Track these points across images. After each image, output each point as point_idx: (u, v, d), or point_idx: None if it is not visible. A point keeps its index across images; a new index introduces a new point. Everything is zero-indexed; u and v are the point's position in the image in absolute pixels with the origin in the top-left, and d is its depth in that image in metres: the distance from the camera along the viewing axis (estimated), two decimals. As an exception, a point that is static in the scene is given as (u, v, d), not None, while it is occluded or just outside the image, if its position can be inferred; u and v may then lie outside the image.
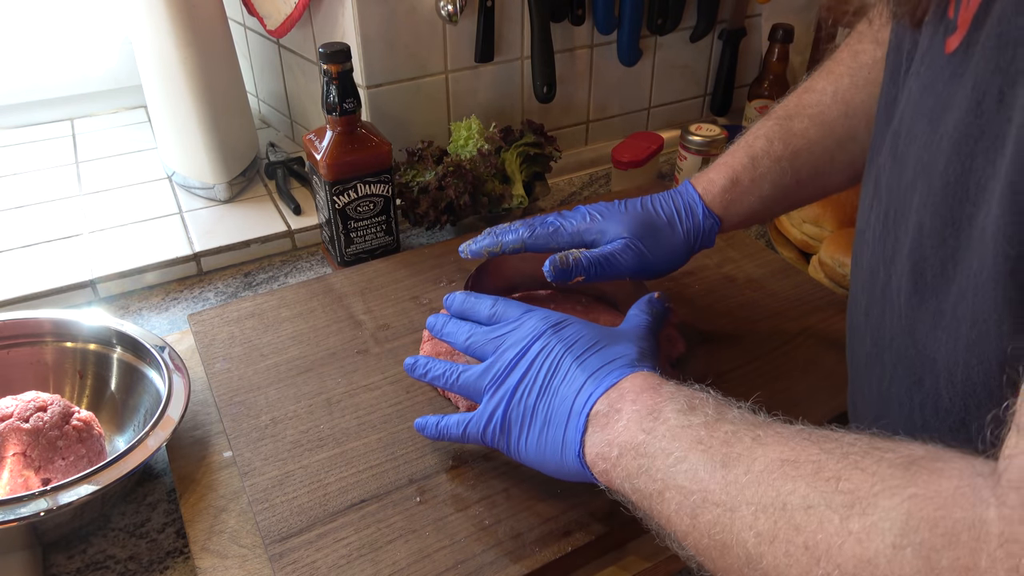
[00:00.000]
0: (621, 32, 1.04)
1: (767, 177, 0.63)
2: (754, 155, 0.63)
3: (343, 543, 0.52)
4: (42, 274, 0.83)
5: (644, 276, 0.64)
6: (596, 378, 0.47)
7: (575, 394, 0.47)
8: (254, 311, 0.74)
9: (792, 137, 0.63)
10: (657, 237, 0.63)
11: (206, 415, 0.66)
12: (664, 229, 0.63)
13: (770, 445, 0.36)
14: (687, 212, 0.64)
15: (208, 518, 0.57)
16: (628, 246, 0.62)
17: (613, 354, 0.49)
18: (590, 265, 0.60)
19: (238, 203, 0.97)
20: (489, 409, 0.51)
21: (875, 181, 0.45)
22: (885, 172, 0.42)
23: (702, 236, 0.64)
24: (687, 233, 0.64)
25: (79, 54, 1.14)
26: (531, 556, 0.51)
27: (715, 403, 0.42)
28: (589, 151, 1.13)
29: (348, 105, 0.76)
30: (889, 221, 0.41)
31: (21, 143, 1.11)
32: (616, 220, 0.63)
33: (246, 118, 1.01)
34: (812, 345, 0.70)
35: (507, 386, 0.51)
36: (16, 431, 0.56)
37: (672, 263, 0.64)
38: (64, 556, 0.57)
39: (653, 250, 0.63)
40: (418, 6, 0.89)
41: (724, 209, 0.64)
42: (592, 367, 0.48)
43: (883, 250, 0.42)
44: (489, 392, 0.52)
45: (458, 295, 0.59)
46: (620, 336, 0.52)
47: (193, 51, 0.87)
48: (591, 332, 0.51)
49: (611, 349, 0.50)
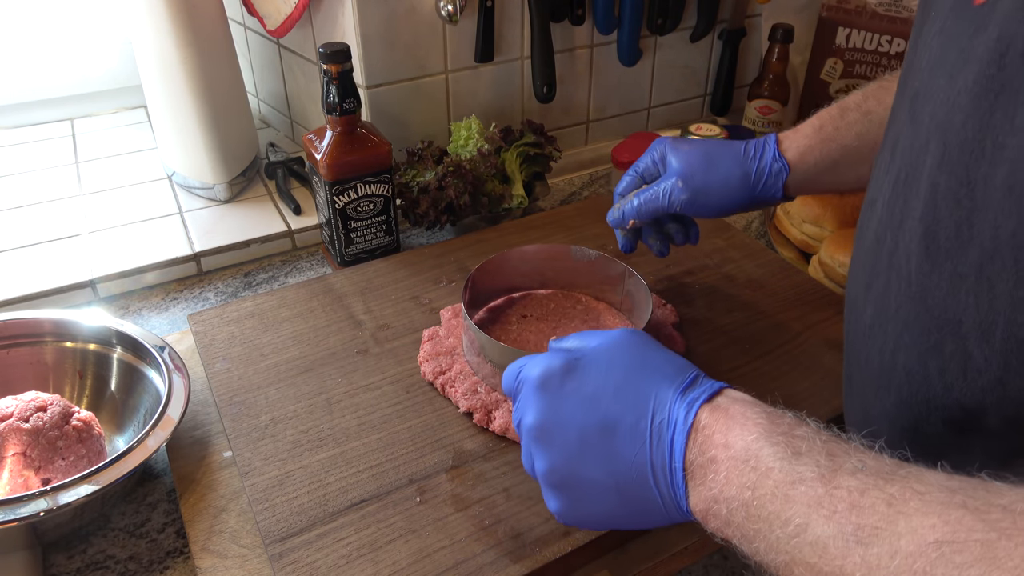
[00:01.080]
0: (621, 32, 1.04)
1: (853, 128, 0.60)
2: (845, 107, 0.62)
3: (343, 543, 0.52)
4: (42, 274, 0.83)
5: (699, 212, 0.64)
6: (659, 431, 0.40)
7: (649, 448, 0.40)
8: (254, 311, 0.74)
9: (888, 94, 0.60)
10: (714, 172, 0.62)
11: (206, 415, 0.66)
12: (724, 164, 0.62)
13: (912, 515, 0.29)
14: (756, 152, 0.63)
15: (208, 518, 0.57)
16: (678, 180, 0.62)
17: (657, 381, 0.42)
18: (640, 206, 0.63)
19: (238, 203, 0.97)
20: (556, 509, 0.45)
21: (892, 146, 0.42)
22: (903, 135, 0.41)
23: (767, 179, 0.62)
24: (750, 172, 0.62)
25: (79, 54, 1.14)
26: (531, 556, 0.51)
27: (822, 442, 0.35)
28: (589, 151, 1.13)
29: (348, 105, 0.76)
30: (899, 184, 0.40)
31: (21, 143, 1.11)
32: (679, 155, 0.64)
33: (246, 118, 1.01)
34: (812, 345, 0.70)
35: (559, 481, 0.44)
36: (16, 431, 0.56)
37: (728, 201, 0.63)
38: (64, 556, 0.57)
39: (707, 185, 0.62)
40: (418, 6, 0.89)
41: (800, 156, 0.62)
42: (646, 411, 0.41)
43: (891, 216, 0.41)
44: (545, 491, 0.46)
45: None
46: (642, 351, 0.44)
47: (193, 51, 0.87)
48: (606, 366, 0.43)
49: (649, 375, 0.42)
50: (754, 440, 0.36)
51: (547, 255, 0.72)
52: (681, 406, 0.40)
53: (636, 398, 0.41)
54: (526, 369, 0.46)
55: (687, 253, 0.83)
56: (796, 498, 0.33)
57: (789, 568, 0.33)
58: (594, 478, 0.42)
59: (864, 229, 0.46)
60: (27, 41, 1.10)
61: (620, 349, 0.44)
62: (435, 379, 0.65)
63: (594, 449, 0.42)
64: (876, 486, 0.31)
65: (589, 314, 0.72)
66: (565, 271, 0.72)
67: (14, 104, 1.14)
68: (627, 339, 0.45)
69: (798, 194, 0.65)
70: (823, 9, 1.13)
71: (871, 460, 0.33)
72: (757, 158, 0.63)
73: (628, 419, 0.41)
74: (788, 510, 0.33)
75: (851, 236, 0.83)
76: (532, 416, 0.44)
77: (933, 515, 0.29)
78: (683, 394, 0.41)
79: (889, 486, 0.31)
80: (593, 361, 0.44)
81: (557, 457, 0.43)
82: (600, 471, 0.42)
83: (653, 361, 0.43)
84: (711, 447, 0.38)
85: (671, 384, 0.41)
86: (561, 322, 0.70)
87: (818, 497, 0.32)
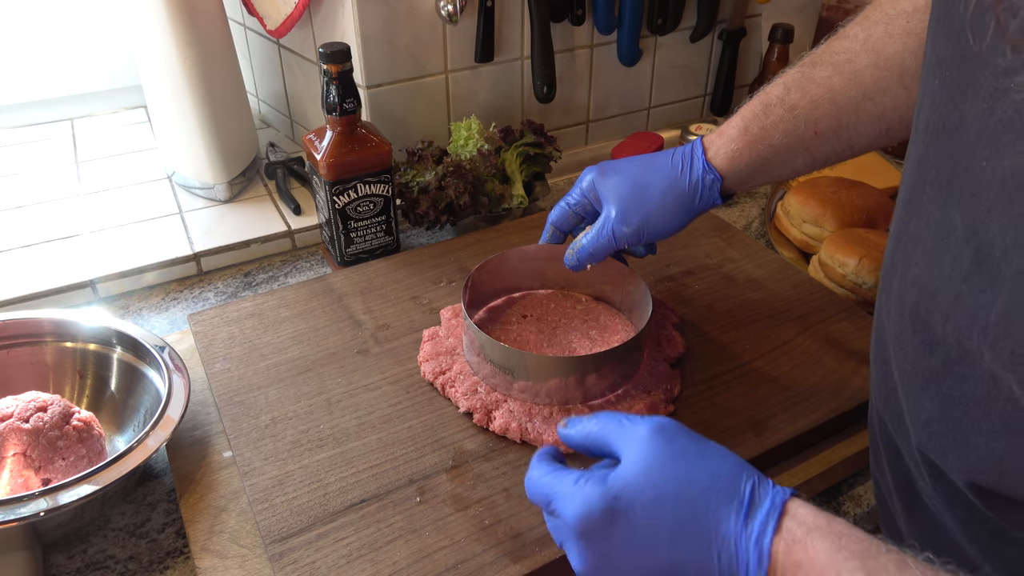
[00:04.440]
0: (621, 32, 1.04)
1: (779, 126, 0.58)
2: (767, 103, 0.59)
3: (343, 543, 0.52)
4: (42, 274, 0.83)
5: (648, 239, 0.63)
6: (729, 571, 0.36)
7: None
8: (254, 311, 0.74)
9: (812, 85, 0.57)
10: (648, 199, 0.61)
11: (206, 415, 0.66)
12: (655, 188, 0.61)
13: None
14: (685, 166, 0.61)
15: (208, 518, 0.57)
16: (616, 215, 0.61)
17: (714, 509, 0.38)
18: (591, 251, 0.63)
19: (238, 203, 0.97)
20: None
21: (973, 251, 0.35)
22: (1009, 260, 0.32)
23: (702, 192, 0.60)
24: (683, 189, 0.60)
25: (79, 54, 1.14)
26: (531, 556, 0.51)
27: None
28: (589, 151, 1.13)
29: (348, 105, 0.76)
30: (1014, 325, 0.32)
31: (21, 143, 1.11)
32: (607, 188, 0.62)
33: (246, 118, 1.01)
34: (812, 345, 0.70)
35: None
36: (16, 431, 0.56)
37: (671, 222, 0.61)
38: (64, 556, 0.57)
39: (646, 215, 0.60)
40: (418, 6, 0.89)
41: (729, 161, 0.60)
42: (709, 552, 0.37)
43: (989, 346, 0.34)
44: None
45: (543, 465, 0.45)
46: (684, 465, 0.40)
47: (193, 51, 0.87)
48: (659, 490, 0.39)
49: (703, 503, 0.38)
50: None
51: (547, 255, 0.72)
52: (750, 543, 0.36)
53: (696, 537, 0.37)
54: (558, 506, 0.41)
55: (687, 253, 0.83)
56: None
57: None
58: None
59: (920, 315, 0.39)
60: (27, 41, 1.10)
61: (662, 473, 0.40)
62: (435, 379, 0.65)
63: None
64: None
65: (589, 314, 0.72)
66: (565, 271, 0.72)
67: (14, 104, 1.14)
68: (662, 451, 0.40)
69: (734, 194, 0.63)
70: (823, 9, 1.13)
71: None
72: (688, 172, 0.61)
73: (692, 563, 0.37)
74: None
75: (851, 236, 0.83)
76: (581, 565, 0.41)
77: None
78: (747, 523, 0.37)
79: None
80: (637, 498, 0.39)
81: None
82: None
83: (700, 478, 0.39)
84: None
85: (728, 508, 0.37)
86: (561, 322, 0.70)
87: None
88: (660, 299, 0.74)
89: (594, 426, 0.44)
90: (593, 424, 0.44)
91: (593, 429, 0.44)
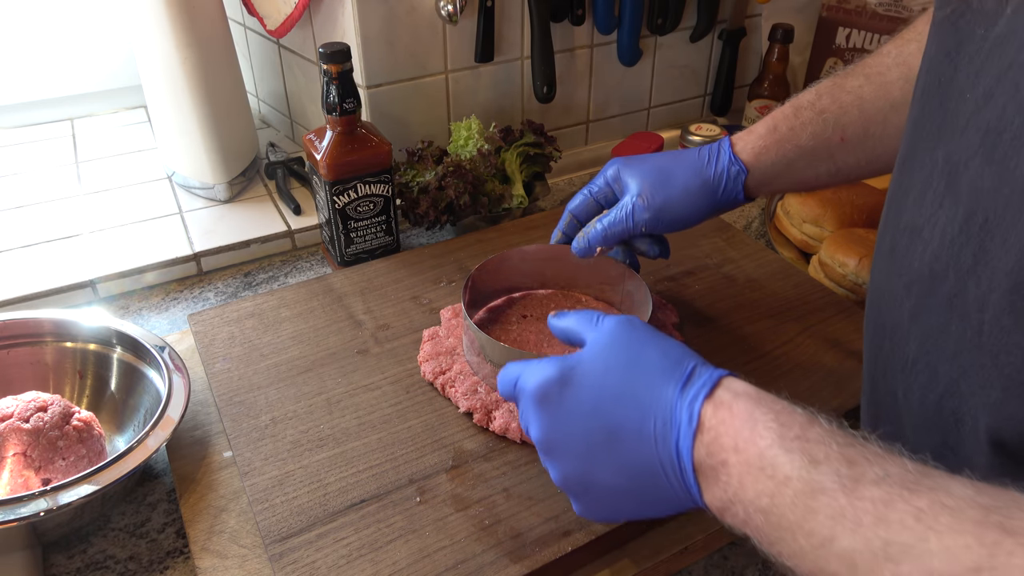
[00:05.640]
0: (621, 32, 1.04)
1: (807, 128, 0.59)
2: (798, 106, 0.60)
3: (343, 543, 0.52)
4: (42, 274, 0.83)
5: (665, 228, 0.63)
6: (663, 433, 0.40)
7: (656, 450, 0.40)
8: (254, 311, 0.74)
9: (842, 92, 0.59)
10: (672, 185, 0.61)
11: (206, 415, 0.66)
12: (681, 175, 0.61)
13: (945, 533, 0.28)
14: (711, 157, 0.62)
15: (208, 518, 0.57)
16: (638, 198, 0.61)
17: (655, 380, 0.41)
18: (605, 232, 0.62)
19: (238, 203, 0.97)
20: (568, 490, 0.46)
21: (945, 176, 0.38)
22: (968, 170, 0.36)
23: (726, 183, 0.61)
24: (708, 178, 0.61)
25: (79, 54, 1.14)
26: (531, 556, 0.51)
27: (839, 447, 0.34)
28: (589, 151, 1.13)
29: (348, 105, 0.76)
30: (972, 226, 0.36)
31: (21, 143, 1.11)
32: (633, 173, 0.63)
33: (246, 118, 1.01)
34: (812, 345, 0.70)
35: (571, 480, 0.45)
36: (16, 431, 0.56)
37: (692, 212, 0.62)
38: (64, 556, 0.57)
39: (668, 199, 0.61)
40: (418, 6, 0.89)
41: (756, 157, 0.61)
42: (647, 413, 0.41)
43: (956, 256, 0.37)
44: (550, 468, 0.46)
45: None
46: (636, 347, 0.44)
47: (193, 51, 0.87)
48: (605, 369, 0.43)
49: (646, 375, 0.42)
50: (768, 447, 0.36)
51: (547, 255, 0.72)
52: (683, 406, 0.40)
53: (636, 401, 0.41)
54: (522, 380, 0.46)
55: (687, 253, 0.83)
56: (818, 509, 0.33)
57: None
58: (608, 482, 0.43)
59: (904, 254, 0.42)
60: (27, 41, 1.10)
61: (614, 350, 0.44)
62: (435, 379, 0.65)
63: (603, 456, 0.42)
64: (902, 497, 0.30)
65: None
66: (565, 271, 0.72)
67: (14, 104, 1.14)
68: (619, 335, 0.45)
69: (757, 195, 0.64)
70: (823, 9, 1.13)
71: (893, 468, 0.32)
72: (713, 163, 0.61)
73: (631, 424, 0.41)
74: (810, 521, 0.33)
75: (851, 236, 0.83)
76: (536, 431, 0.45)
77: (968, 534, 0.28)
78: (683, 391, 0.40)
79: (916, 498, 0.30)
80: (589, 369, 0.44)
81: (568, 467, 0.44)
82: (612, 475, 0.42)
83: (648, 357, 0.43)
84: (720, 450, 0.38)
85: (669, 380, 0.41)
86: (561, 322, 0.70)
87: (841, 508, 0.32)
88: (660, 299, 0.74)
89: (573, 318, 0.49)
90: (572, 317, 0.49)
91: (572, 320, 0.49)
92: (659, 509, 0.43)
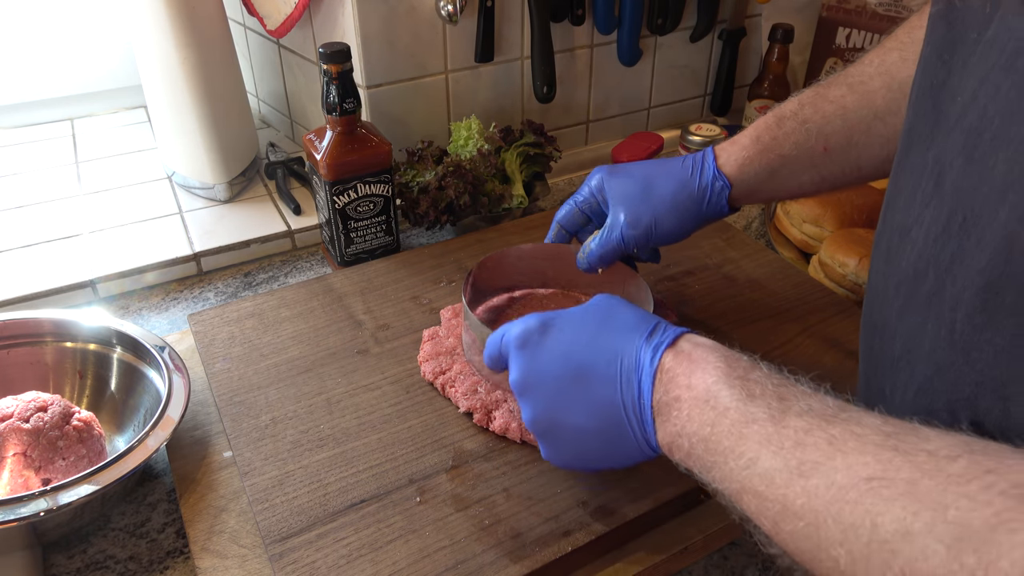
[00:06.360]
0: (621, 32, 1.04)
1: (790, 138, 0.60)
2: (781, 116, 0.61)
3: (343, 543, 0.52)
4: (42, 274, 0.83)
5: (656, 243, 0.63)
6: (628, 374, 0.45)
7: (620, 389, 0.45)
8: (254, 311, 0.74)
9: (825, 103, 0.59)
10: (658, 200, 0.61)
11: (206, 415, 0.66)
12: (666, 189, 0.62)
13: (850, 453, 0.33)
14: (695, 169, 0.62)
15: (208, 518, 0.57)
16: (624, 218, 0.62)
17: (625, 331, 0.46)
18: (601, 255, 0.64)
19: (238, 203, 0.97)
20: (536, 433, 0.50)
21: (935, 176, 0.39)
22: (952, 170, 0.38)
23: (710, 197, 0.61)
24: (693, 191, 0.61)
25: (79, 54, 1.14)
26: (531, 556, 0.51)
27: (773, 386, 0.39)
28: (589, 151, 1.13)
29: (348, 105, 0.76)
30: (952, 225, 0.37)
31: (21, 143, 1.11)
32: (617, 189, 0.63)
33: (246, 118, 1.01)
34: (812, 345, 0.70)
35: (542, 425, 0.49)
36: (16, 431, 0.56)
37: (680, 227, 0.62)
38: (64, 556, 0.57)
39: (655, 216, 0.61)
40: (418, 6, 0.89)
41: (739, 169, 0.61)
42: (615, 357, 0.45)
43: (937, 255, 0.38)
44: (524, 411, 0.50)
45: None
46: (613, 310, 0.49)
47: (193, 51, 0.87)
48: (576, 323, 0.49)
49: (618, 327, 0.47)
50: (714, 382, 0.41)
51: (549, 253, 0.72)
52: (647, 351, 0.45)
53: (606, 347, 0.46)
54: (507, 333, 0.51)
55: (687, 253, 0.83)
56: (749, 436, 0.38)
57: (740, 495, 0.38)
58: (574, 423, 0.47)
59: (895, 254, 0.43)
60: (27, 41, 1.10)
61: (592, 309, 0.49)
62: (435, 379, 0.65)
63: (571, 396, 0.47)
64: (820, 427, 0.35)
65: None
66: (567, 270, 0.72)
67: (14, 104, 1.14)
68: (600, 301, 0.50)
69: (741, 205, 0.64)
70: (823, 9, 1.13)
71: (817, 403, 0.37)
72: (698, 175, 0.62)
73: (599, 365, 0.46)
74: (741, 446, 0.38)
75: (851, 236, 0.83)
76: (515, 372, 0.49)
77: (867, 454, 0.32)
78: (648, 340, 0.45)
79: (831, 427, 0.35)
80: (567, 320, 0.49)
81: (539, 407, 0.48)
82: (579, 416, 0.47)
83: (622, 316, 0.48)
84: (675, 388, 0.42)
85: (637, 331, 0.46)
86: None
87: (768, 435, 0.37)
88: (660, 299, 0.74)
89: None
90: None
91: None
92: (619, 455, 0.47)
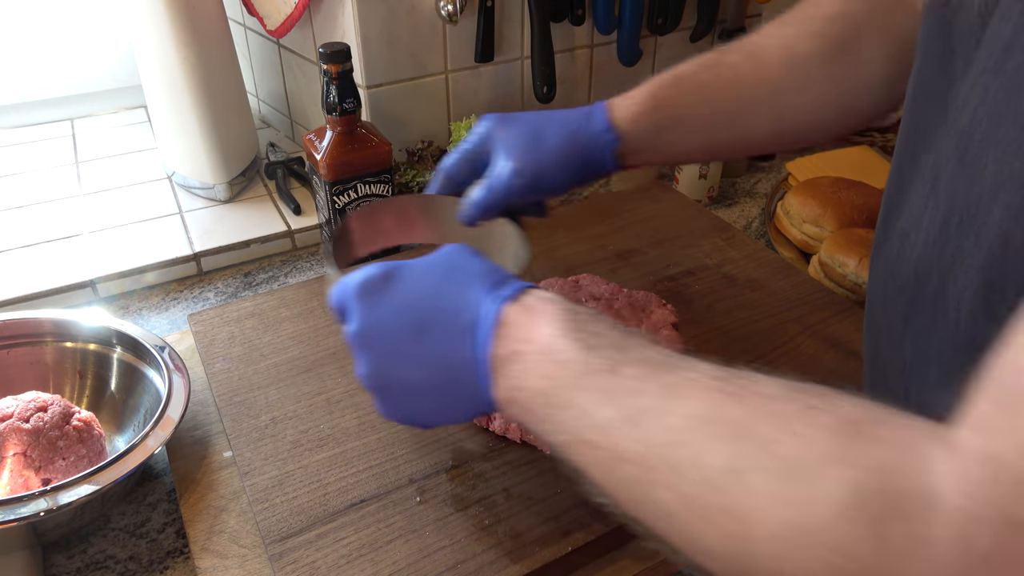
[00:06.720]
0: (621, 32, 1.04)
1: (684, 98, 0.58)
2: (678, 75, 0.59)
3: (343, 543, 0.52)
4: (42, 274, 0.83)
5: (540, 195, 0.60)
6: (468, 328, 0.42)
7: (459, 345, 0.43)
8: (254, 311, 0.74)
9: (722, 68, 0.58)
10: (545, 150, 0.58)
11: (206, 415, 0.66)
12: (553, 139, 0.58)
13: (683, 398, 0.34)
14: (583, 122, 0.59)
15: (208, 518, 0.57)
16: (512, 166, 0.58)
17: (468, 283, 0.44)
18: (484, 203, 0.59)
19: (238, 203, 0.97)
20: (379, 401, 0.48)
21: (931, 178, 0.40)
22: (946, 173, 0.38)
23: (597, 150, 0.59)
24: (579, 145, 0.58)
25: (79, 54, 1.14)
26: (531, 556, 0.51)
27: (614, 338, 0.39)
28: (589, 151, 1.13)
29: (348, 105, 0.76)
30: (950, 226, 0.37)
31: (21, 143, 1.11)
32: (506, 135, 0.59)
33: (246, 118, 1.01)
34: (812, 345, 0.70)
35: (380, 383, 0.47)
36: (16, 431, 0.56)
37: (565, 178, 0.59)
38: (64, 556, 0.57)
39: (540, 166, 0.58)
40: (418, 6, 0.89)
41: (631, 123, 0.58)
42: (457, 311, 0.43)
43: (939, 256, 0.38)
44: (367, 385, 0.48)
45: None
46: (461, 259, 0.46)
47: (193, 51, 0.87)
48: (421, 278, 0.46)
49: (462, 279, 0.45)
50: (554, 335, 0.40)
51: (428, 205, 0.63)
52: (489, 304, 0.42)
53: (448, 299, 0.44)
54: (351, 281, 0.47)
55: (687, 253, 0.83)
56: (587, 387, 0.37)
57: (574, 446, 0.38)
58: (411, 379, 0.45)
59: (896, 259, 0.43)
60: (27, 41, 1.10)
61: (439, 258, 0.47)
62: (435, 379, 0.65)
63: (409, 352, 0.44)
64: (655, 375, 0.36)
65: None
66: (445, 224, 0.63)
67: (14, 104, 1.14)
68: (448, 250, 0.47)
69: (629, 165, 0.61)
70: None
71: (654, 353, 0.37)
72: (586, 127, 0.59)
73: (440, 318, 0.44)
74: (578, 397, 0.37)
75: (851, 236, 0.83)
76: (354, 323, 0.46)
77: (698, 398, 0.33)
78: (490, 292, 0.43)
79: (667, 375, 0.36)
80: (412, 270, 0.46)
81: (377, 361, 0.46)
82: (416, 372, 0.44)
83: (469, 267, 0.45)
84: (515, 341, 0.41)
85: (481, 284, 0.44)
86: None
87: (605, 385, 0.37)
88: (660, 299, 0.74)
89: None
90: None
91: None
92: (456, 412, 0.46)
